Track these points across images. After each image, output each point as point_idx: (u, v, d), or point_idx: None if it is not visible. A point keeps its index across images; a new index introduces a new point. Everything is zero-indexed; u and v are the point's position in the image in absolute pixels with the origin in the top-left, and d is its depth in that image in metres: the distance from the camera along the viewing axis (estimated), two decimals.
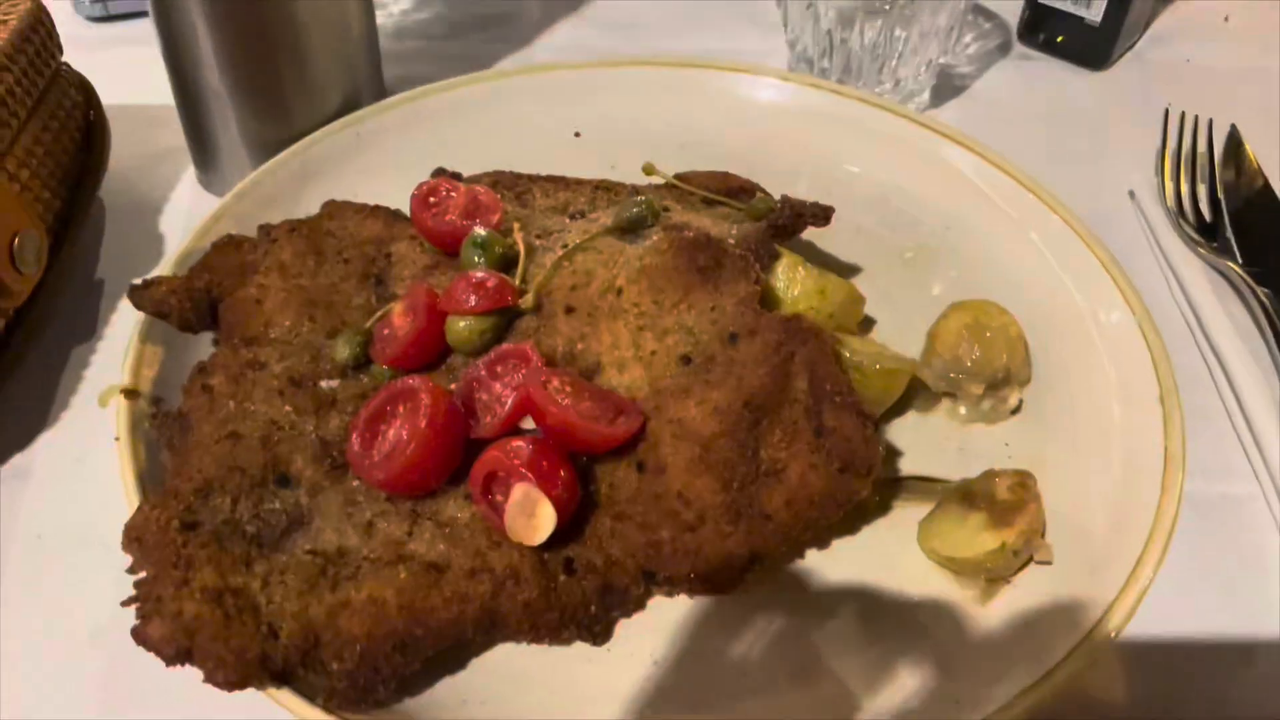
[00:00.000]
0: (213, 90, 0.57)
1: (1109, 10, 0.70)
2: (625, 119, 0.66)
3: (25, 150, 0.52)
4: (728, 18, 0.78)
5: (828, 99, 0.65)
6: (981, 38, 0.77)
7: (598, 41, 0.76)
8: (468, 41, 0.75)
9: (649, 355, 0.46)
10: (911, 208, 0.61)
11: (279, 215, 0.56)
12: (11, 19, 0.53)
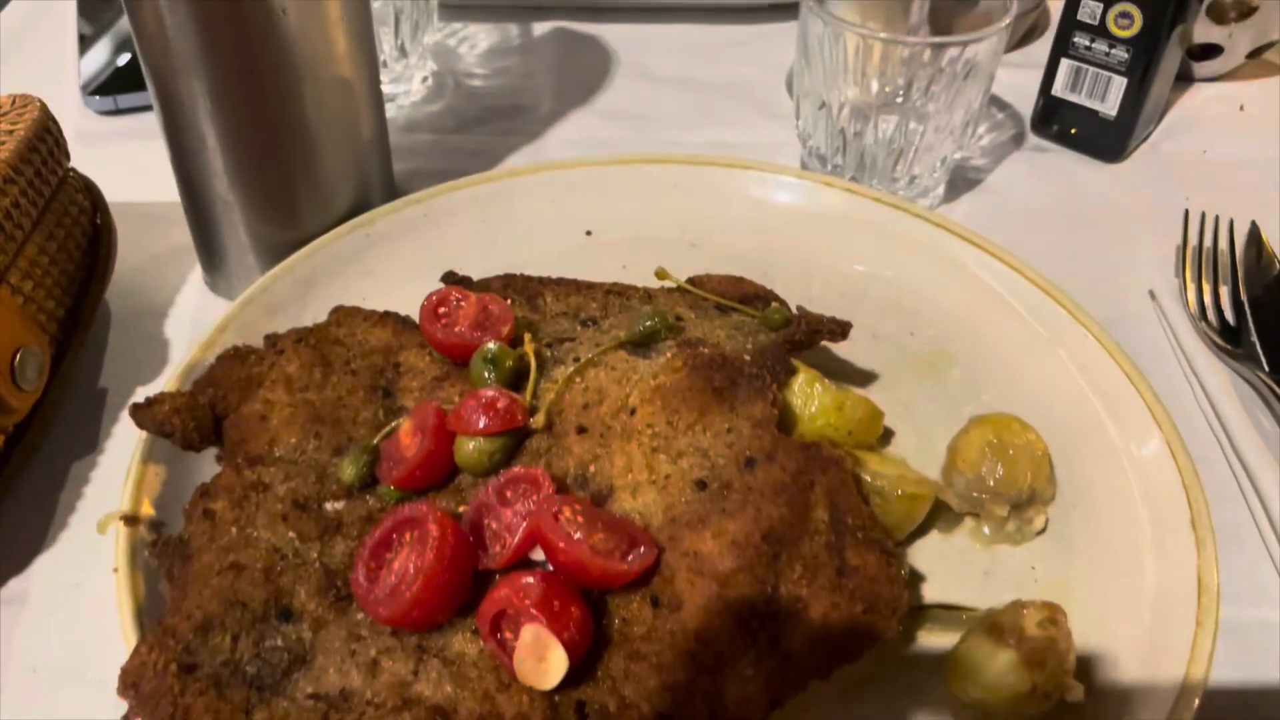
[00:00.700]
0: (221, 198, 0.56)
1: (1124, 104, 0.70)
2: (637, 217, 0.65)
3: (30, 261, 0.52)
4: (740, 109, 0.78)
5: (842, 198, 0.64)
6: (995, 128, 0.76)
7: (609, 134, 0.76)
8: (478, 135, 0.75)
9: (663, 479, 0.45)
10: (929, 311, 0.60)
11: (286, 322, 0.56)
12: (19, 128, 0.53)
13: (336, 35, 0.55)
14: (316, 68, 0.55)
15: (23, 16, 0.85)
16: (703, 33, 0.86)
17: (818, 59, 0.64)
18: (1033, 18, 0.84)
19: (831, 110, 0.66)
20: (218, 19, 0.50)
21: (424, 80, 0.79)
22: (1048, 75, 0.73)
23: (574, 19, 0.87)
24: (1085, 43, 0.69)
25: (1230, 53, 0.78)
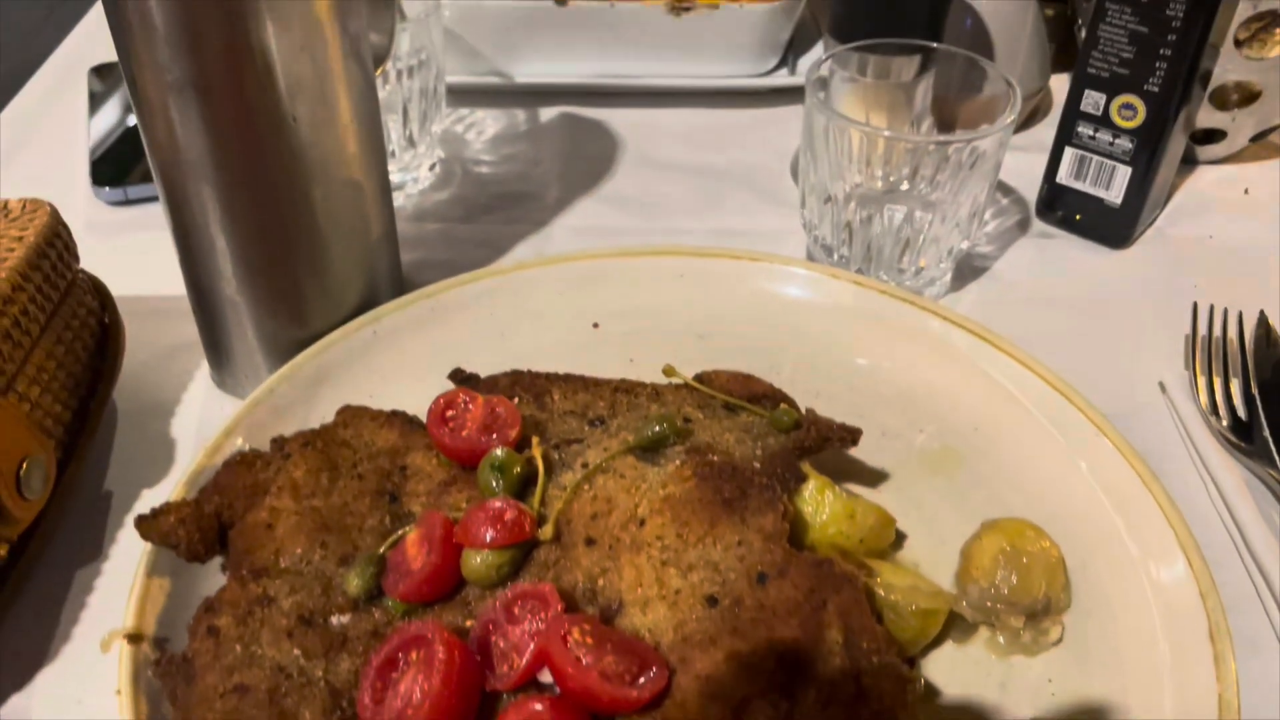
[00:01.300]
0: (229, 300, 0.57)
1: (1129, 192, 0.70)
2: (643, 309, 0.65)
3: (37, 367, 0.52)
4: (745, 195, 0.79)
5: (848, 290, 0.64)
6: (1000, 214, 0.76)
7: (615, 221, 0.76)
8: (485, 224, 0.75)
9: (673, 594, 0.44)
10: (938, 407, 0.59)
11: (293, 423, 0.55)
12: (29, 233, 0.53)
13: (346, 138, 0.56)
14: (326, 170, 0.55)
15: (35, 103, 0.86)
16: (707, 117, 0.87)
17: (822, 152, 0.64)
18: (1035, 100, 0.85)
19: (837, 202, 0.66)
20: (228, 128, 0.51)
21: (432, 168, 0.80)
22: (1052, 162, 0.73)
23: (580, 104, 0.87)
24: (1089, 132, 0.70)
25: (1234, 137, 0.78)
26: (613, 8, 0.83)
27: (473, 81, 0.86)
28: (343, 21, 0.53)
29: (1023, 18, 0.80)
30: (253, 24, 0.49)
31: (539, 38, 0.84)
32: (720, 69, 0.87)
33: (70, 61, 0.90)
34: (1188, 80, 0.65)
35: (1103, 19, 0.66)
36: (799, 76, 0.87)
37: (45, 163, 0.80)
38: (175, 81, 0.49)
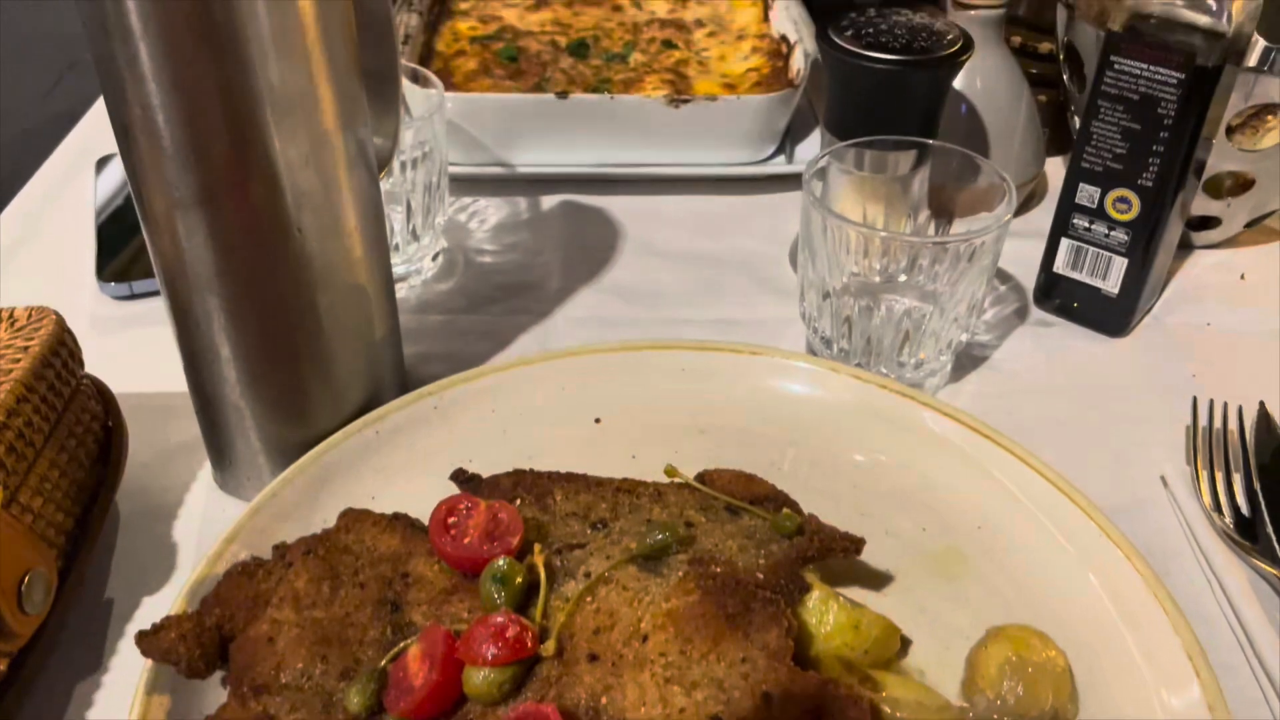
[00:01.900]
0: (233, 405, 0.57)
1: (1125, 283, 0.71)
2: (645, 404, 0.65)
3: (40, 477, 0.52)
4: (745, 284, 0.79)
5: (849, 384, 0.64)
6: (998, 301, 0.77)
7: (617, 311, 0.76)
8: (488, 315, 0.76)
9: (677, 713, 0.44)
10: (942, 505, 0.59)
11: (295, 528, 0.55)
12: (34, 344, 0.53)
13: (352, 244, 0.56)
14: (331, 277, 0.56)
15: (42, 194, 0.87)
16: (706, 203, 0.88)
17: (820, 248, 0.65)
18: (1031, 186, 0.86)
19: (835, 296, 0.67)
20: (234, 241, 0.51)
21: (435, 258, 0.81)
22: (1049, 252, 0.74)
23: (581, 191, 0.88)
24: (1084, 224, 0.70)
25: (1229, 223, 0.79)
26: (613, 100, 0.84)
27: (475, 171, 0.87)
28: (349, 131, 0.54)
29: (1016, 105, 0.81)
30: (260, 139, 0.49)
31: (541, 129, 0.85)
32: (719, 156, 0.88)
33: (77, 152, 0.91)
34: (1181, 175, 0.66)
35: (1095, 116, 0.67)
36: (797, 164, 0.88)
37: (51, 255, 0.80)
38: (182, 198, 0.50)
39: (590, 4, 1.04)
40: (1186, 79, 0.63)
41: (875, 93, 0.70)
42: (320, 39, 0.50)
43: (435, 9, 1.00)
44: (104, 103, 0.50)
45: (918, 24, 0.71)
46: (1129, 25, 0.64)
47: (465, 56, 0.94)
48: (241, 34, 0.47)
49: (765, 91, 0.90)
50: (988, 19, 0.77)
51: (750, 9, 1.03)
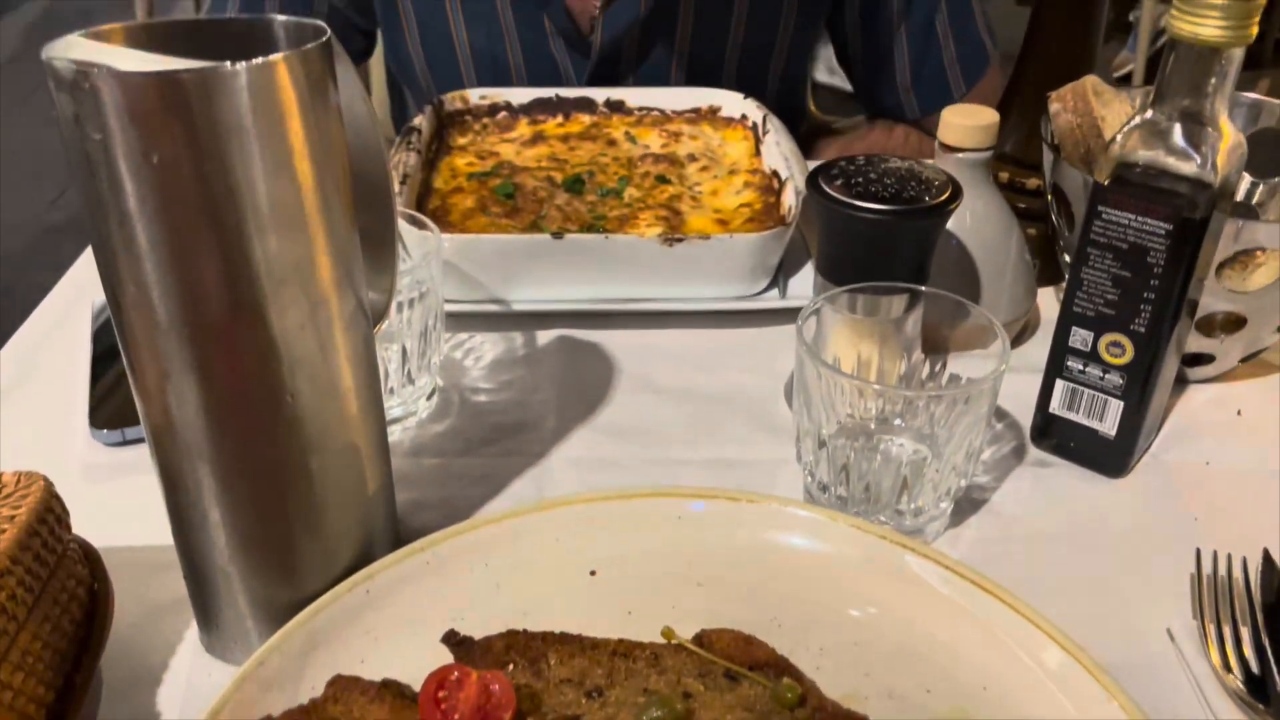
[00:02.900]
0: (221, 569, 0.56)
1: (1122, 425, 0.70)
2: (641, 555, 0.64)
3: (22, 651, 0.50)
4: (740, 422, 0.79)
5: (849, 535, 0.63)
6: (996, 440, 0.77)
7: (613, 451, 0.76)
8: (483, 457, 0.75)
9: None
10: (946, 662, 0.58)
11: (282, 697, 0.54)
12: (20, 513, 0.53)
13: (346, 404, 0.56)
14: (324, 439, 0.55)
15: (37, 338, 0.87)
16: (701, 337, 0.88)
17: (815, 396, 0.65)
18: (1023, 320, 0.86)
19: (831, 442, 0.66)
20: (226, 411, 0.51)
21: (429, 397, 0.80)
22: (1044, 392, 0.74)
23: (576, 326, 0.89)
24: (1079, 367, 0.71)
25: (1223, 359, 0.79)
26: (608, 240, 0.85)
27: (471, 308, 0.87)
28: (345, 293, 0.54)
29: (1006, 243, 0.82)
30: (256, 310, 0.50)
31: (537, 267, 0.86)
32: (712, 291, 0.89)
33: (73, 295, 0.92)
34: (1174, 319, 0.67)
35: (1085, 262, 0.67)
36: (790, 299, 0.89)
37: (45, 399, 0.80)
38: (174, 369, 0.50)
39: (585, 138, 1.06)
40: (1175, 229, 0.63)
41: (865, 240, 0.70)
42: (319, 208, 0.51)
43: (434, 146, 1.02)
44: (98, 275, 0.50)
45: (906, 171, 0.72)
46: (1116, 174, 0.65)
47: (462, 193, 0.95)
48: (240, 209, 0.47)
49: (758, 227, 0.91)
50: (975, 161, 0.79)
51: (741, 143, 1.05)
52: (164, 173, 0.45)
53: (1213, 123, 0.62)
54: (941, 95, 1.25)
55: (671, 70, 1.21)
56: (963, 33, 1.23)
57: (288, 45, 0.53)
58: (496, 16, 1.17)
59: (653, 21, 1.17)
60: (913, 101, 1.27)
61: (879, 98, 1.30)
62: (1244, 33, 0.59)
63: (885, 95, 1.28)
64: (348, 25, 1.23)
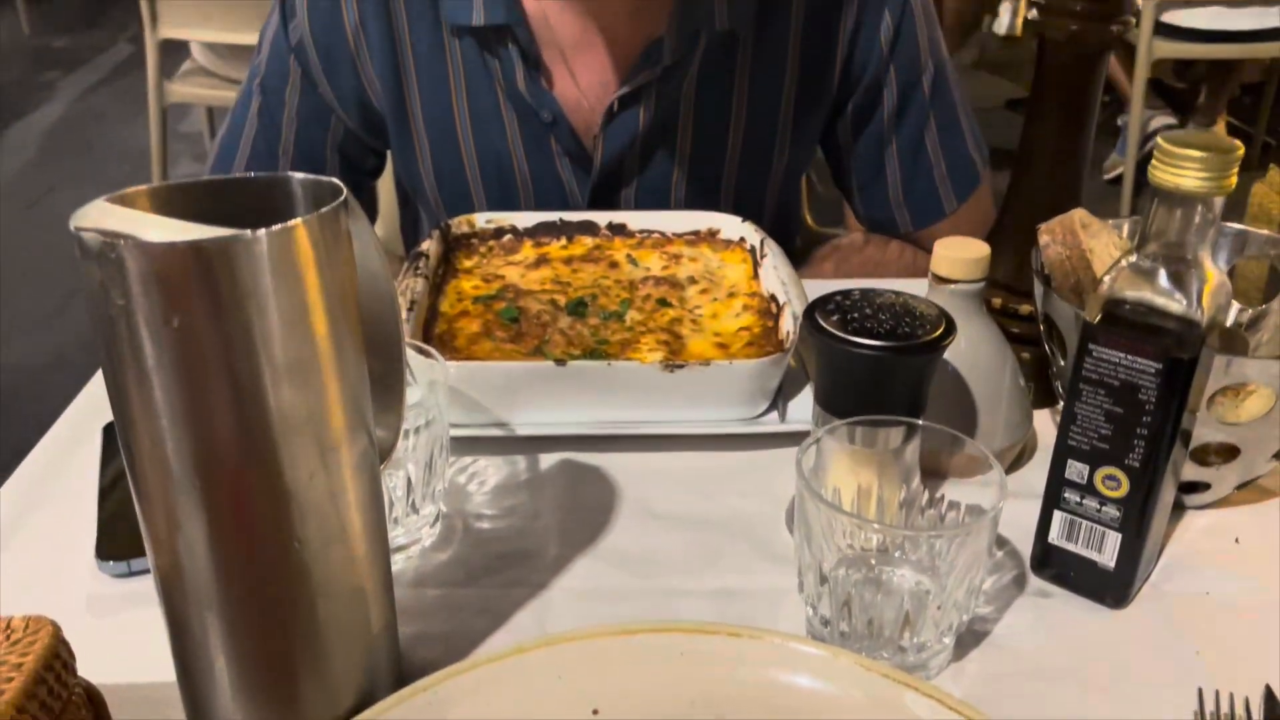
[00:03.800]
0: (225, 715, 0.56)
1: (1121, 556, 0.71)
2: (643, 692, 0.64)
3: None
4: (742, 550, 0.79)
5: (853, 672, 0.63)
6: (997, 569, 0.77)
7: (615, 581, 0.76)
8: (486, 587, 0.76)
9: None
10: None
11: None
12: (29, 659, 0.53)
13: (352, 548, 0.57)
14: (330, 584, 0.56)
15: (45, 466, 0.88)
16: (702, 460, 0.89)
17: (817, 534, 0.66)
18: (1020, 445, 0.87)
19: (833, 573, 0.67)
20: (234, 560, 0.52)
21: (433, 524, 0.81)
22: (1042, 522, 0.74)
23: (579, 449, 0.90)
24: (1075, 499, 0.71)
25: (1218, 486, 0.80)
26: (610, 366, 0.87)
27: (476, 432, 0.88)
28: (355, 439, 0.56)
29: (1000, 371, 0.83)
30: (268, 462, 0.51)
31: (540, 392, 0.88)
32: (713, 415, 0.90)
33: (83, 419, 0.93)
34: (1168, 454, 0.68)
35: (1078, 397, 0.69)
36: (789, 423, 0.90)
37: (51, 529, 0.81)
38: (186, 520, 0.51)
39: (588, 261, 1.08)
40: (1164, 368, 0.65)
41: (862, 374, 0.72)
42: (333, 359, 0.52)
43: (440, 270, 1.04)
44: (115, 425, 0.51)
45: (900, 306, 0.74)
46: (1105, 311, 0.67)
47: (468, 317, 0.97)
48: (256, 366, 0.49)
49: (757, 351, 0.93)
50: (968, 292, 0.81)
51: (740, 265, 1.08)
52: (183, 335, 0.47)
53: (1197, 265, 0.64)
54: (933, 210, 1.28)
55: (672, 182, 1.24)
56: (952, 150, 1.27)
57: (305, 202, 0.55)
58: (505, 138, 1.21)
59: (652, 137, 1.20)
60: (905, 216, 1.30)
61: (873, 212, 1.33)
62: (1223, 183, 0.61)
63: (878, 210, 1.31)
64: (362, 146, 1.27)
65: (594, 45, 1.17)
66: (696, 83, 1.19)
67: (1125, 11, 0.83)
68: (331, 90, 1.20)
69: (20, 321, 3.04)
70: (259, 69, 1.22)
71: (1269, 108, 4.00)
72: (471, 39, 1.16)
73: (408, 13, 1.17)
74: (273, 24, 1.20)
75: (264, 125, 1.22)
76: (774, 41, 1.20)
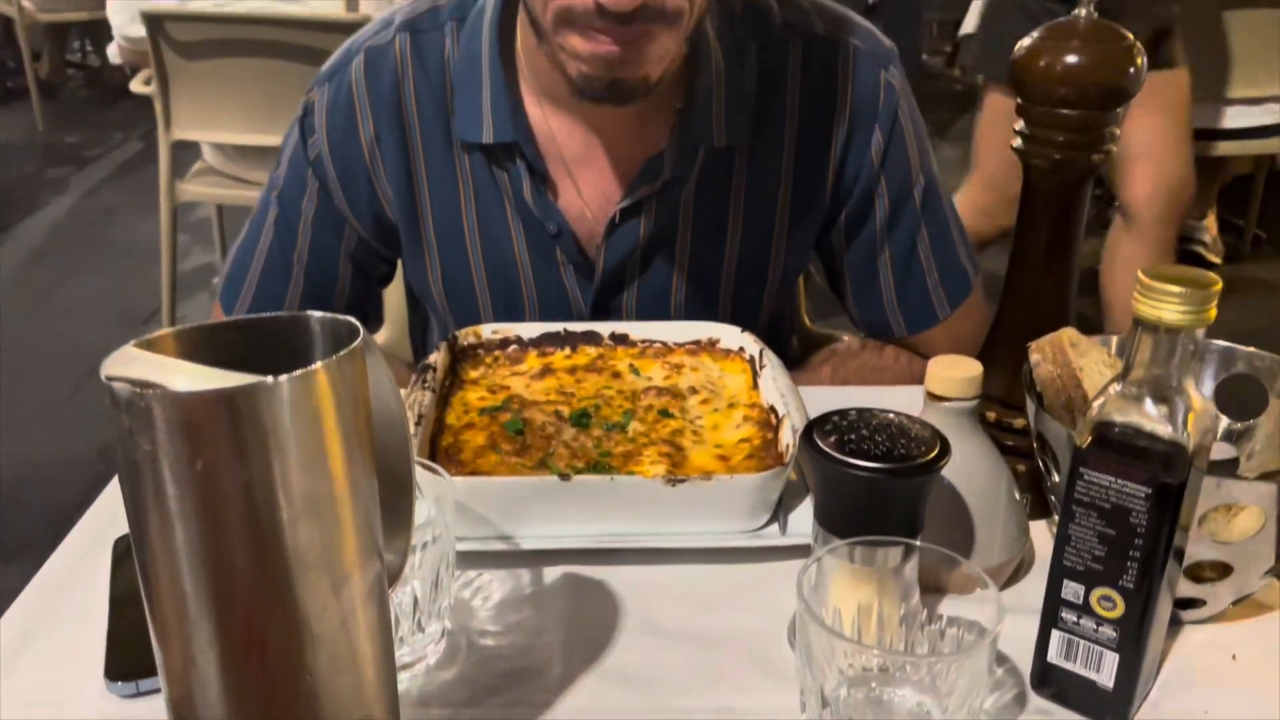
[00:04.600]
0: None
1: (1119, 676, 0.72)
2: None
3: None
4: (745, 667, 0.80)
5: None
6: (997, 686, 0.77)
7: (618, 700, 0.77)
8: (490, 707, 0.76)
9: None
10: None
11: None
12: None
13: (361, 675, 0.58)
14: (339, 711, 0.57)
15: (55, 584, 0.89)
16: (704, 573, 0.90)
17: (818, 656, 0.67)
18: (1018, 560, 0.88)
19: (834, 701, 0.68)
20: (246, 690, 0.53)
21: (438, 641, 0.82)
22: (1041, 639, 0.75)
23: (582, 563, 0.91)
24: (1073, 619, 0.72)
25: (1214, 602, 0.81)
26: (613, 481, 0.89)
27: (480, 546, 0.90)
28: (367, 568, 0.57)
29: (996, 487, 0.85)
30: (284, 596, 0.52)
31: (544, 506, 0.89)
32: (714, 528, 0.91)
33: (93, 534, 0.94)
34: (1161, 575, 0.69)
35: (1071, 519, 0.71)
36: (790, 536, 0.91)
37: (61, 647, 0.81)
38: (200, 653, 0.52)
39: (591, 370, 1.11)
40: (1154, 493, 0.67)
41: (860, 495, 0.74)
42: (348, 495, 0.54)
43: (447, 381, 1.07)
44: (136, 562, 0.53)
45: (896, 427, 0.76)
46: (1095, 435, 0.69)
47: (474, 429, 0.99)
48: (274, 506, 0.51)
49: (757, 464, 0.94)
50: (962, 409, 0.83)
51: (740, 375, 1.10)
52: (206, 477, 0.49)
53: (1181, 393, 0.67)
54: (927, 316, 1.31)
55: (672, 287, 1.27)
56: (944, 259, 1.30)
57: (323, 339, 0.57)
58: (512, 249, 1.24)
59: (653, 245, 1.24)
60: (900, 321, 1.32)
61: (867, 316, 1.35)
62: (1203, 315, 0.64)
63: (873, 314, 1.34)
64: (373, 254, 1.30)
65: (597, 159, 1.22)
66: (695, 194, 1.23)
67: (1106, 141, 0.86)
68: (346, 201, 1.24)
69: (28, 413, 3.06)
70: (278, 181, 1.26)
71: (1259, 200, 4.07)
72: (481, 155, 1.20)
73: (421, 129, 1.21)
74: (292, 139, 1.25)
75: (279, 233, 1.26)
76: (769, 155, 1.24)
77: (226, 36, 2.75)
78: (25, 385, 3.20)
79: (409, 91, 1.20)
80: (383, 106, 1.20)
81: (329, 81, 1.22)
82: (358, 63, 1.21)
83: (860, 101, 1.23)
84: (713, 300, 1.30)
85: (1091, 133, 0.85)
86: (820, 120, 1.24)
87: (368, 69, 1.21)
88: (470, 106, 1.18)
